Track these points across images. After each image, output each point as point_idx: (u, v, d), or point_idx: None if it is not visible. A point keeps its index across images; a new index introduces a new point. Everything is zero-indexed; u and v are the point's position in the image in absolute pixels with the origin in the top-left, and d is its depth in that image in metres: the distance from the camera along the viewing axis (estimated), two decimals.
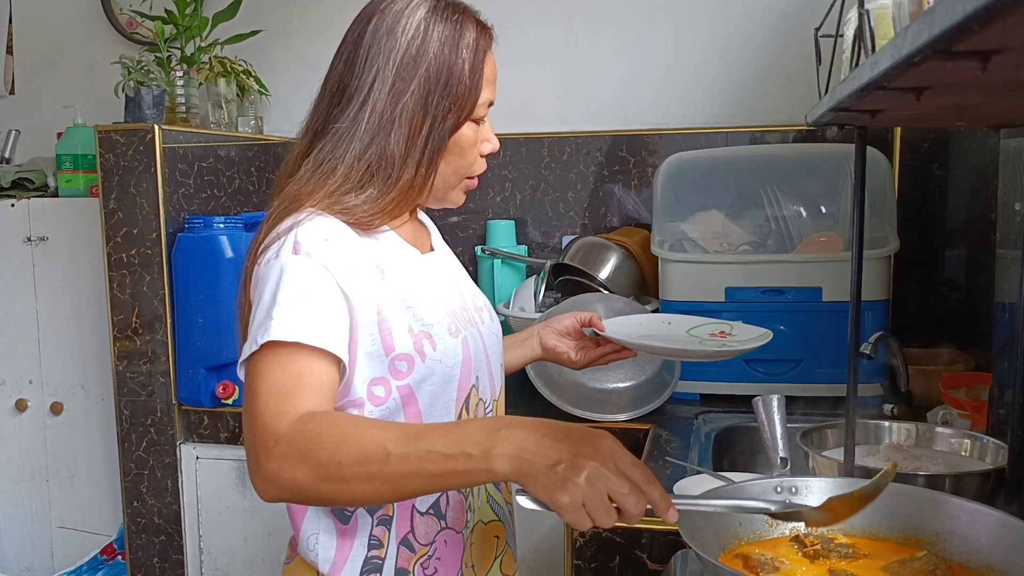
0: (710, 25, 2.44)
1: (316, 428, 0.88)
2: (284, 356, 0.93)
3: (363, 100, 1.07)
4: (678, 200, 2.18)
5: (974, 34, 0.49)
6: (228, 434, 2.20)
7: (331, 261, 1.00)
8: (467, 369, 1.11)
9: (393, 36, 1.07)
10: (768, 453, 1.38)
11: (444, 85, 1.06)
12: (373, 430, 0.88)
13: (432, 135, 1.06)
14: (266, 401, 0.91)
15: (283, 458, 0.88)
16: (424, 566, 1.09)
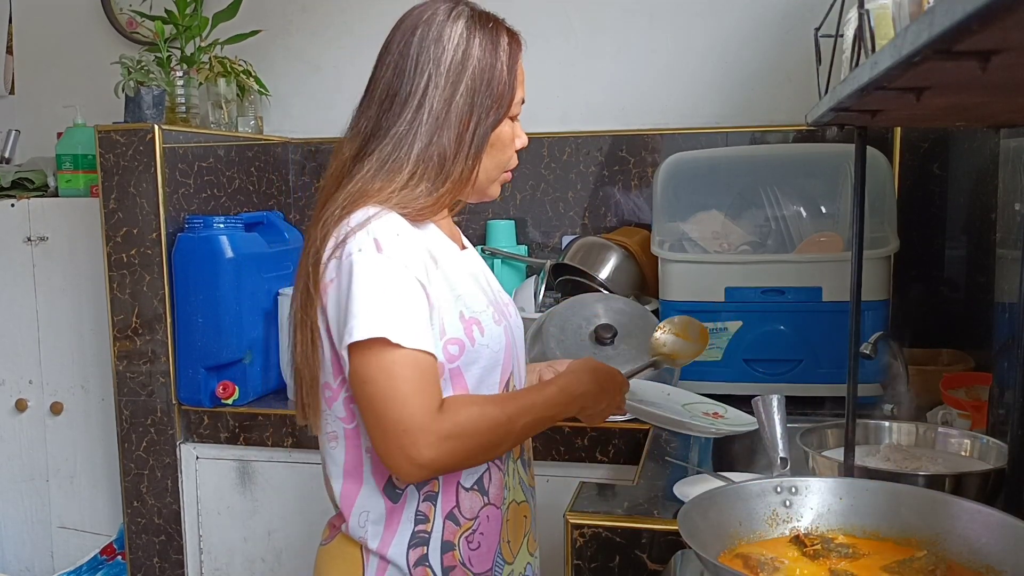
0: (710, 25, 2.44)
1: (458, 417, 1.07)
2: (405, 355, 1.05)
3: (418, 104, 1.16)
4: (678, 200, 2.18)
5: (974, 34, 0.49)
6: (228, 434, 2.20)
7: (408, 257, 1.10)
8: (508, 356, 1.21)
9: (440, 44, 1.17)
10: (768, 453, 1.38)
11: (487, 86, 1.18)
12: (494, 407, 1.11)
13: (477, 132, 1.17)
14: (408, 398, 1.04)
15: (442, 447, 1.04)
16: (469, 540, 1.18)
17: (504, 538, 1.22)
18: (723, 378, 2.04)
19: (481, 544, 1.19)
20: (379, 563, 1.16)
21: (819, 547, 0.99)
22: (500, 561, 1.22)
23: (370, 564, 1.17)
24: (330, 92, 2.72)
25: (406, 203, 1.14)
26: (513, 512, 1.24)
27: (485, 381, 1.17)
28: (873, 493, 1.05)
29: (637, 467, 1.66)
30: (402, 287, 1.08)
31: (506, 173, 1.26)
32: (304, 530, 2.20)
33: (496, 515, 1.21)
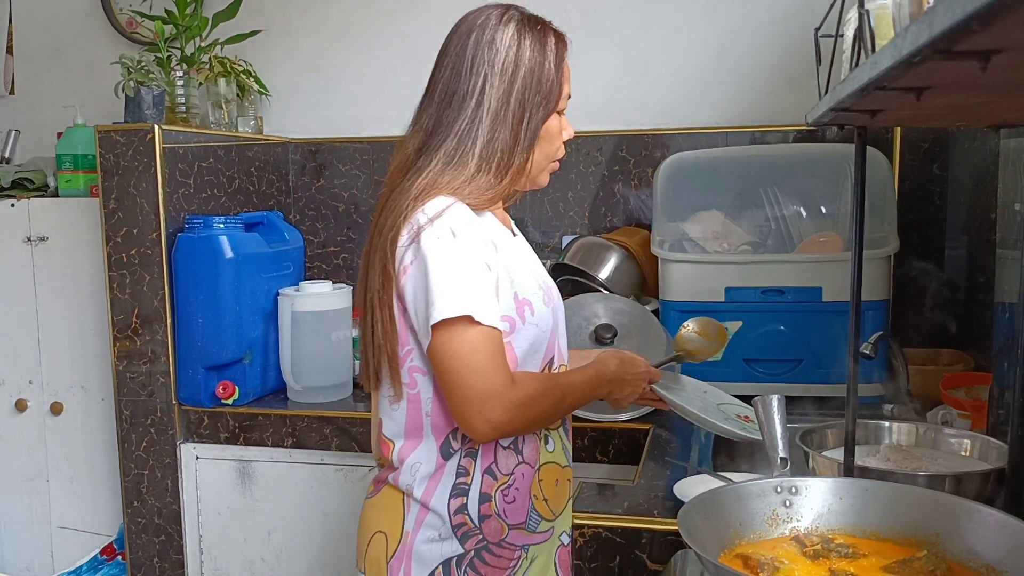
0: (710, 25, 2.44)
1: (526, 389, 1.22)
2: (484, 331, 1.19)
3: (476, 102, 1.28)
4: (678, 200, 2.18)
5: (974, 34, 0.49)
6: (228, 434, 2.20)
7: (477, 242, 1.23)
8: (554, 335, 1.34)
9: (493, 46, 1.29)
10: (768, 453, 1.38)
11: (537, 83, 1.29)
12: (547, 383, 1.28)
13: (530, 126, 1.29)
14: (492, 370, 1.19)
15: (514, 412, 1.20)
16: (504, 493, 1.29)
17: (537, 495, 1.32)
18: (723, 378, 2.03)
19: (516, 498, 1.30)
20: (420, 510, 1.28)
21: (819, 547, 0.99)
22: (535, 516, 1.32)
23: (411, 510, 1.28)
24: (330, 92, 2.72)
25: (474, 194, 1.27)
26: (551, 473, 1.34)
27: (531, 356, 1.29)
28: (873, 493, 1.05)
29: (637, 467, 1.66)
30: (477, 270, 1.21)
31: (555, 163, 1.38)
32: (304, 530, 2.20)
33: (529, 473, 1.31)
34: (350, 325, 2.31)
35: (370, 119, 2.69)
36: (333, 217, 2.71)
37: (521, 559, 1.31)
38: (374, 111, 2.68)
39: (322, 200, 2.72)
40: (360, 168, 2.68)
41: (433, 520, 1.27)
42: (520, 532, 1.30)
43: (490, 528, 1.28)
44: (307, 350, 2.21)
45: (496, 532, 1.28)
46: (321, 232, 2.72)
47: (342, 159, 2.69)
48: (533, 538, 1.32)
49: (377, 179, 2.67)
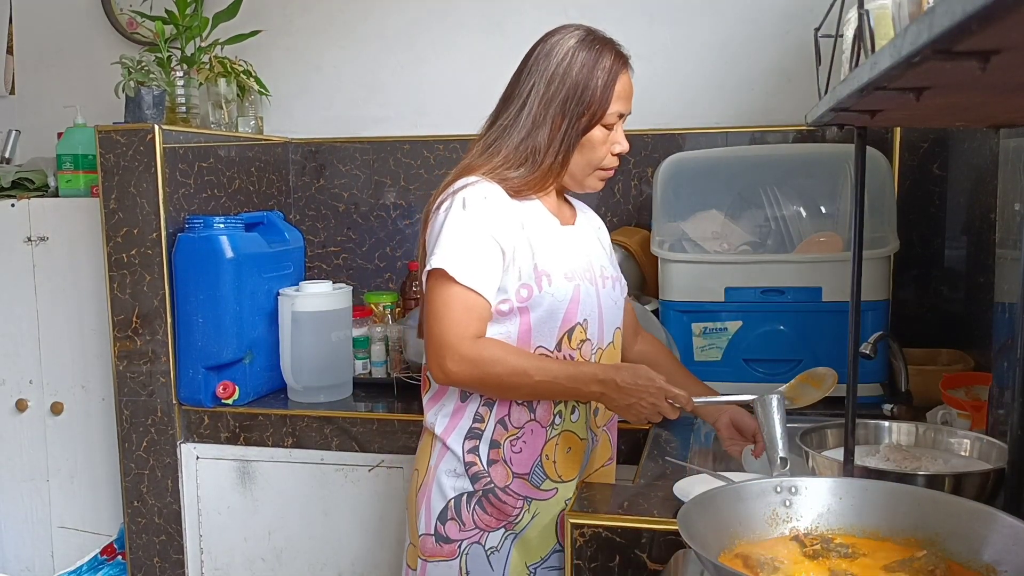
0: (710, 25, 2.44)
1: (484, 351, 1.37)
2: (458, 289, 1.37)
3: (521, 104, 1.46)
4: (678, 200, 2.18)
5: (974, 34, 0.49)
6: (228, 434, 2.20)
7: (487, 215, 1.40)
8: (574, 307, 1.45)
9: (548, 59, 1.46)
10: (768, 453, 1.38)
11: (579, 96, 1.43)
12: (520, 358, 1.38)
13: (568, 133, 1.44)
14: (451, 323, 1.36)
15: (462, 364, 1.36)
16: (512, 444, 1.45)
17: (547, 455, 1.46)
18: (723, 378, 2.04)
19: (523, 450, 1.44)
20: (441, 448, 1.47)
21: (819, 547, 0.99)
22: (540, 472, 1.46)
23: (435, 448, 1.48)
24: (330, 92, 2.72)
25: (506, 179, 1.44)
26: (567, 440, 1.48)
27: (546, 323, 1.43)
28: (873, 493, 1.05)
29: (637, 467, 1.66)
30: (474, 238, 1.38)
31: (602, 171, 1.50)
32: (304, 530, 2.20)
33: (540, 432, 1.45)
34: (350, 325, 2.31)
35: (370, 119, 2.69)
36: (333, 217, 2.71)
37: (523, 510, 1.46)
38: (374, 111, 2.68)
39: (322, 200, 2.72)
40: (360, 168, 2.68)
41: (451, 458, 1.46)
42: (523, 483, 1.45)
43: (497, 473, 1.44)
44: (307, 350, 2.21)
45: (502, 478, 1.44)
46: (321, 232, 2.72)
47: (342, 159, 2.69)
48: (535, 493, 1.46)
49: (377, 179, 2.67)
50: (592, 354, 1.49)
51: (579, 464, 1.50)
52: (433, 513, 1.46)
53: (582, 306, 1.46)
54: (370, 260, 2.70)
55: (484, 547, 1.45)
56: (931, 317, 2.25)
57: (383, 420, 2.11)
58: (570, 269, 1.46)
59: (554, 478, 1.47)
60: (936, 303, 2.27)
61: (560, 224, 1.52)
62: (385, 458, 2.10)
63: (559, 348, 1.44)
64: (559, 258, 1.45)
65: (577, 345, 1.46)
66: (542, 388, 1.39)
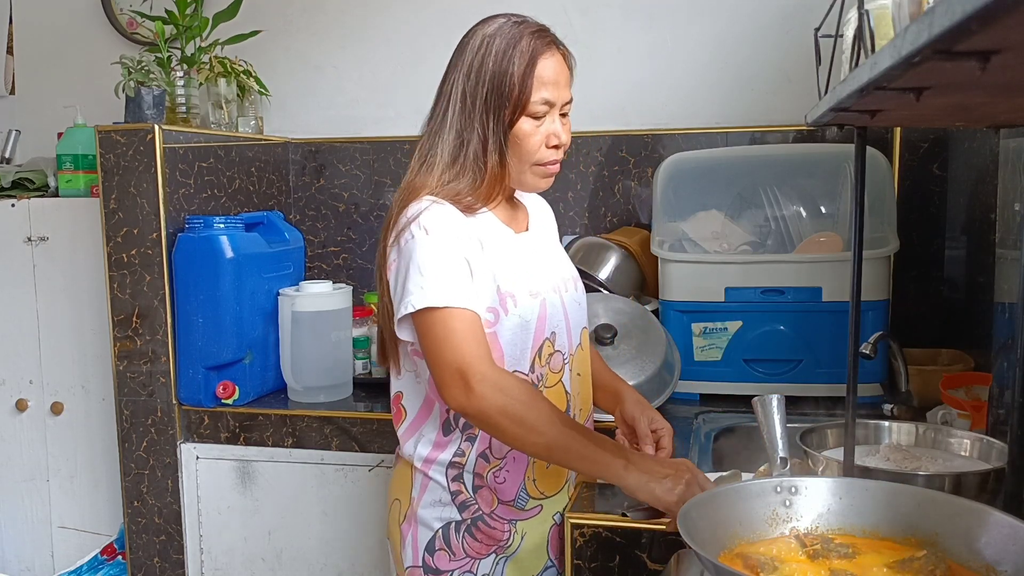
0: (710, 25, 2.44)
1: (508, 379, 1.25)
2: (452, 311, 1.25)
3: (446, 105, 1.35)
4: (678, 200, 2.18)
5: (974, 34, 0.49)
6: (228, 434, 2.20)
7: (455, 237, 1.29)
8: (542, 324, 1.38)
9: (465, 51, 1.36)
10: (768, 453, 1.38)
11: (498, 88, 1.32)
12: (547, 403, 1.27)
13: (496, 130, 1.33)
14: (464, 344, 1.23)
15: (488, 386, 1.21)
16: (496, 475, 1.38)
17: (530, 476, 1.40)
18: (723, 378, 2.04)
19: (506, 479, 1.39)
20: (423, 478, 1.40)
21: (819, 547, 0.99)
22: (524, 495, 1.40)
23: (416, 478, 1.41)
24: (330, 92, 2.72)
25: (456, 194, 1.33)
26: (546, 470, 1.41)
27: (516, 346, 1.35)
28: (873, 493, 1.05)
29: None
30: (449, 258, 1.27)
31: (543, 167, 1.38)
32: (304, 530, 2.20)
33: (521, 457, 1.38)
34: (350, 325, 2.31)
35: (370, 119, 2.69)
36: (333, 217, 2.71)
37: (512, 533, 1.41)
38: (374, 111, 2.68)
39: (322, 200, 2.72)
40: (360, 168, 2.68)
41: (435, 488, 1.39)
42: (509, 508, 1.40)
43: (484, 498, 1.39)
44: (307, 350, 2.21)
45: (488, 503, 1.39)
46: (321, 232, 2.72)
47: (342, 159, 2.69)
48: (521, 514, 1.41)
49: (377, 179, 2.67)
50: (563, 364, 1.43)
51: (563, 476, 1.45)
52: (420, 545, 1.39)
53: (549, 320, 1.39)
54: (370, 260, 2.70)
55: (476, 575, 1.40)
56: (931, 317, 2.25)
57: (383, 420, 2.11)
58: (534, 284, 1.38)
59: (537, 496, 1.42)
60: (936, 303, 2.26)
61: (515, 233, 1.43)
62: (385, 458, 2.10)
63: (532, 370, 1.38)
64: (522, 274, 1.37)
65: (546, 360, 1.40)
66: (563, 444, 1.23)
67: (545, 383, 1.40)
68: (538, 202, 1.57)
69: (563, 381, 1.43)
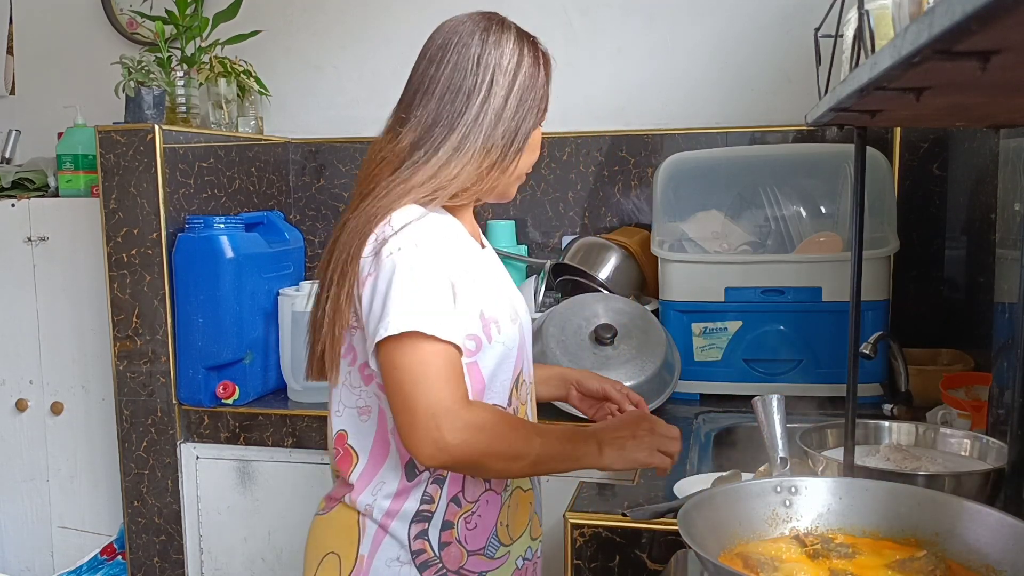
0: (710, 25, 2.44)
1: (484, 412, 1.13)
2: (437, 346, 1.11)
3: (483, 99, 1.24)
4: (678, 200, 2.18)
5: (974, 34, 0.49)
6: (228, 434, 2.20)
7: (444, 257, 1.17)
8: (520, 353, 1.29)
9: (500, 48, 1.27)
10: (768, 453, 1.38)
11: (532, 91, 1.29)
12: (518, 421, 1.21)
13: (522, 130, 1.27)
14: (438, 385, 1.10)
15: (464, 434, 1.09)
16: (467, 520, 1.25)
17: (502, 521, 1.29)
18: (723, 378, 2.04)
19: (478, 525, 1.26)
20: (377, 531, 1.23)
21: (819, 547, 0.99)
22: (495, 542, 1.29)
23: (366, 532, 1.24)
24: (330, 92, 2.72)
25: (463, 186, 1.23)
26: (517, 498, 1.31)
27: (498, 375, 1.25)
28: (873, 493, 1.05)
29: None
30: (436, 283, 1.14)
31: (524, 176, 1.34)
32: (304, 530, 2.20)
33: (495, 500, 1.28)
34: None
35: (370, 119, 2.67)
36: (333, 217, 2.71)
37: None
38: (374, 111, 2.65)
39: (322, 200, 2.72)
40: (360, 168, 2.68)
41: (391, 544, 1.23)
42: (479, 559, 1.27)
43: (450, 556, 1.24)
44: None
45: (455, 560, 1.24)
46: (321, 232, 2.72)
47: (342, 159, 2.69)
48: (491, 564, 1.28)
49: None
50: (527, 395, 1.34)
51: (527, 516, 1.34)
52: None
53: (524, 348, 1.31)
54: None
55: None
56: (931, 317, 2.25)
57: None
58: (511, 307, 1.29)
59: (507, 542, 1.30)
60: (936, 303, 2.26)
61: (480, 248, 1.33)
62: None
63: (510, 403, 1.27)
64: (499, 297, 1.28)
65: (520, 391, 1.31)
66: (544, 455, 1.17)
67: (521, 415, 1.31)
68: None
69: (527, 413, 1.34)
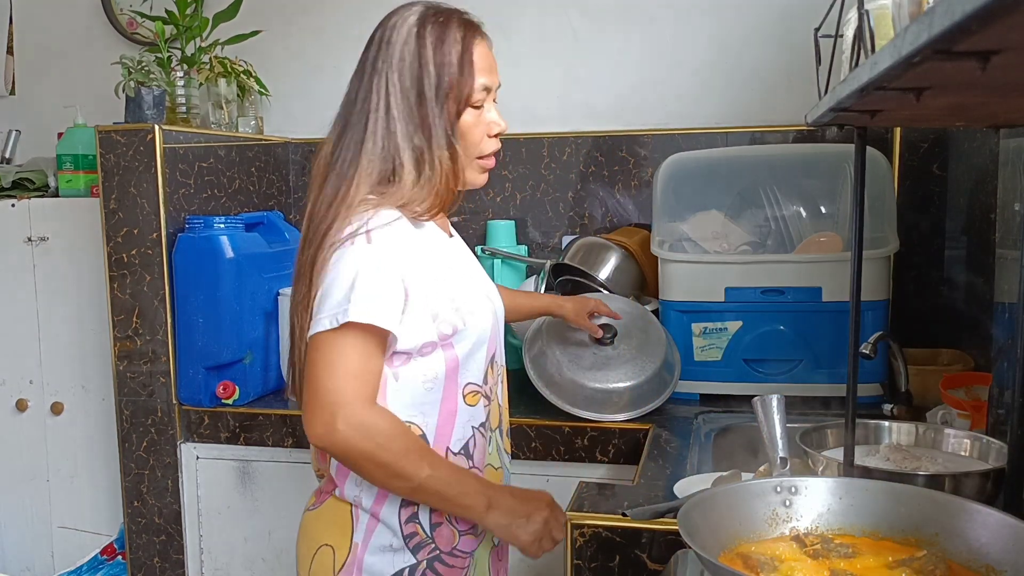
0: (710, 25, 2.44)
1: (381, 421, 1.17)
2: (358, 336, 1.15)
3: (385, 106, 1.24)
4: (678, 200, 2.18)
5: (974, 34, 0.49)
6: (228, 434, 2.20)
7: (395, 253, 1.19)
8: (494, 336, 1.33)
9: (392, 46, 1.26)
10: (768, 453, 1.38)
11: (438, 80, 1.23)
12: (416, 443, 1.21)
13: (439, 124, 1.23)
14: (347, 377, 1.15)
15: (355, 431, 1.14)
16: None
17: None
18: (723, 378, 2.04)
19: None
20: (369, 520, 1.25)
21: (819, 547, 0.99)
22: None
23: (360, 521, 1.26)
24: (330, 92, 2.67)
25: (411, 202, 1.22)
26: (489, 475, 1.35)
27: (473, 356, 1.28)
28: (873, 493, 1.05)
29: (637, 467, 1.66)
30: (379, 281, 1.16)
31: (484, 160, 1.31)
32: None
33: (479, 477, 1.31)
34: None
35: None
36: None
37: (470, 564, 1.31)
38: None
39: None
40: None
41: (383, 531, 1.25)
42: (469, 537, 1.30)
43: (442, 536, 1.27)
44: None
45: (448, 540, 1.27)
46: None
47: None
48: (477, 541, 1.32)
49: None
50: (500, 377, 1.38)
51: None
52: None
53: (497, 332, 1.35)
54: None
55: None
56: (931, 317, 2.25)
57: None
58: (484, 292, 1.33)
59: None
60: (936, 303, 2.26)
61: (448, 238, 1.36)
62: None
63: (486, 380, 1.31)
64: (470, 283, 1.32)
65: (494, 372, 1.34)
66: (429, 488, 1.20)
67: (494, 396, 1.35)
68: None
69: (497, 394, 1.37)
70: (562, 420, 1.93)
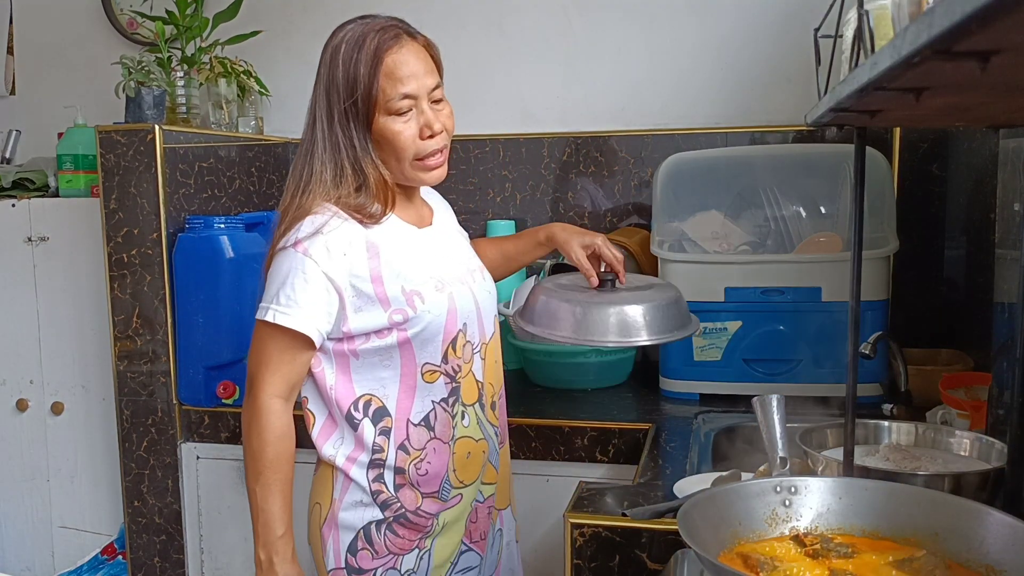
0: (710, 25, 2.44)
1: (276, 421, 1.34)
2: (278, 335, 1.32)
3: (313, 119, 1.37)
4: (678, 200, 2.18)
5: (973, 34, 0.49)
6: (228, 434, 2.20)
7: (323, 255, 1.31)
8: (453, 317, 1.39)
9: (321, 65, 1.38)
10: (768, 453, 1.38)
11: (350, 93, 1.33)
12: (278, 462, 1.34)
13: (359, 136, 1.34)
14: (261, 365, 1.34)
15: (252, 413, 1.34)
16: (417, 467, 1.40)
17: (451, 467, 1.42)
18: (723, 378, 2.04)
19: (428, 471, 1.40)
20: (344, 479, 1.40)
21: (818, 547, 0.99)
22: (447, 486, 1.43)
23: (337, 480, 1.40)
24: None
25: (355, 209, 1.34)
26: (465, 447, 1.44)
27: (429, 341, 1.37)
28: (873, 493, 1.05)
29: (637, 467, 1.66)
30: (307, 285, 1.30)
31: (424, 160, 1.37)
32: (304, 529, 2.20)
33: (443, 448, 1.41)
34: None
35: None
36: None
37: (433, 524, 1.42)
38: None
39: None
40: None
41: (355, 489, 1.39)
42: (433, 500, 1.41)
43: (406, 497, 1.39)
44: None
45: (411, 501, 1.40)
46: None
47: None
48: (445, 505, 1.43)
49: None
50: (474, 353, 1.44)
51: (479, 464, 1.46)
52: (342, 547, 1.39)
53: (460, 313, 1.40)
54: None
55: (400, 571, 1.40)
56: (931, 317, 2.25)
57: None
58: (439, 278, 1.39)
59: (457, 486, 1.44)
60: (936, 303, 2.27)
61: (418, 230, 1.44)
62: None
63: (446, 360, 1.39)
64: (426, 270, 1.39)
65: (461, 352, 1.42)
66: (250, 496, 1.35)
67: (461, 374, 1.42)
68: (435, 196, 1.58)
69: (473, 371, 1.44)
70: (562, 420, 1.93)
